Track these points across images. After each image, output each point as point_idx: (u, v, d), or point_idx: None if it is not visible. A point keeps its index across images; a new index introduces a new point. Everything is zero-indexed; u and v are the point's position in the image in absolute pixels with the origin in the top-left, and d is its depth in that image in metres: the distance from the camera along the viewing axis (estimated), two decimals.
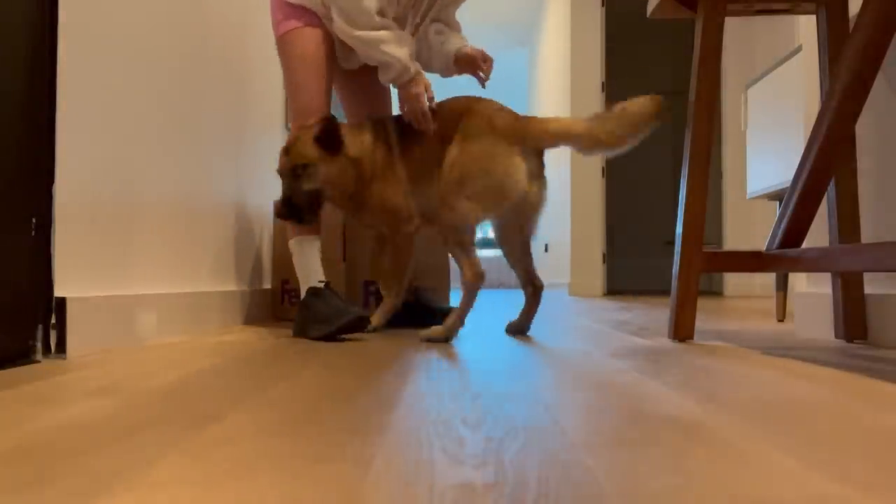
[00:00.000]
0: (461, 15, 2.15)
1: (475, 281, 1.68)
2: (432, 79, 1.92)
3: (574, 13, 5.86)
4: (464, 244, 1.69)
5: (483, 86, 2.08)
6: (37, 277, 1.26)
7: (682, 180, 1.70)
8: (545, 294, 6.24)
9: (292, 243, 1.91)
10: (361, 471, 0.56)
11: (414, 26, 1.94)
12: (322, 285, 1.85)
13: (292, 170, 1.78)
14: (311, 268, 1.87)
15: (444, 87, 2.70)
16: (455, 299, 2.16)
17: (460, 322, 1.68)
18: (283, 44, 1.92)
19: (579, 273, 5.80)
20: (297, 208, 1.78)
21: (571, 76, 5.85)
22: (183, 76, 1.86)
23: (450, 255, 1.77)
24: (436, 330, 1.67)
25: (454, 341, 1.67)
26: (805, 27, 1.99)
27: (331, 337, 1.70)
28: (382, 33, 1.80)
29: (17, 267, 1.21)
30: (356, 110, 2.12)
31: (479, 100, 1.82)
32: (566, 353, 1.42)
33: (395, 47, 1.81)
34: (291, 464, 0.58)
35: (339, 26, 1.82)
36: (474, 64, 2.02)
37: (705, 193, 1.68)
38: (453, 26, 2.07)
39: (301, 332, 1.79)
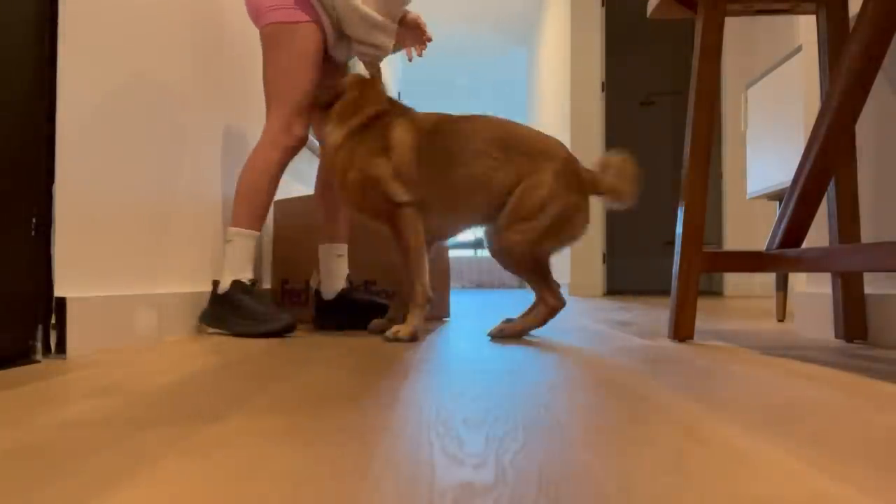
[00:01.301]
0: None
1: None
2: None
3: (574, 13, 5.86)
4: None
5: (420, 54, 2.17)
6: (37, 277, 1.26)
7: (682, 180, 1.70)
8: None
9: (232, 232, 1.86)
10: (361, 471, 0.56)
11: None
12: (250, 283, 1.86)
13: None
14: (244, 262, 1.86)
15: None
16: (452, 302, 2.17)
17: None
18: (282, 33, 1.85)
19: (579, 273, 5.80)
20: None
21: (571, 76, 5.85)
22: (184, 76, 1.86)
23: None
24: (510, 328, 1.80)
25: (447, 341, 1.67)
26: (805, 27, 2.00)
27: (266, 335, 1.74)
28: (391, 23, 1.92)
29: (17, 267, 1.21)
30: None
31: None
32: (566, 353, 1.42)
33: (391, 37, 1.95)
34: (291, 463, 0.58)
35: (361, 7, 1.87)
36: (419, 30, 2.12)
37: (705, 193, 1.68)
38: None
39: (218, 323, 1.81)
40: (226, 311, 1.80)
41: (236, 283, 1.83)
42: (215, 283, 1.88)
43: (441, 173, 1.76)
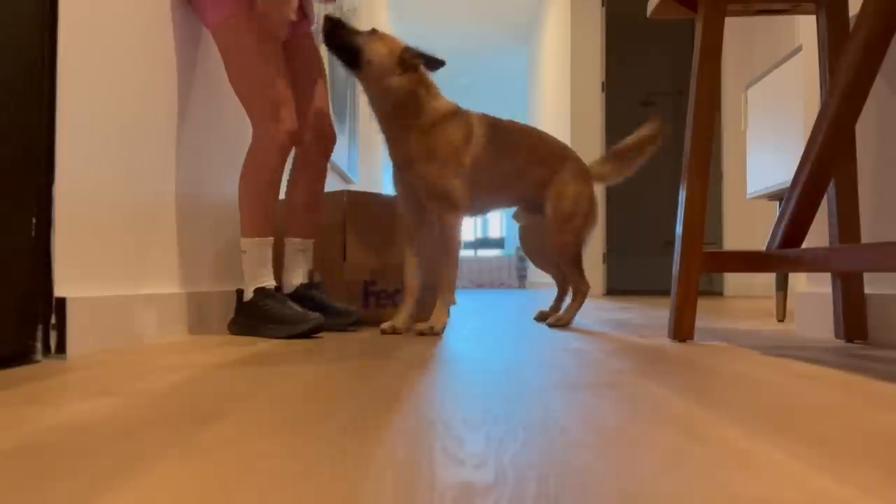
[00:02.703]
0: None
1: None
2: None
3: (574, 13, 5.86)
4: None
5: None
6: (37, 277, 1.26)
7: (682, 180, 1.70)
8: (546, 293, 6.23)
9: (244, 243, 1.84)
10: (361, 471, 0.56)
11: None
12: (272, 287, 1.85)
13: (367, 32, 1.91)
14: (262, 269, 1.85)
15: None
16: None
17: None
18: (228, 30, 1.78)
19: None
20: (337, 37, 1.87)
21: (571, 76, 5.85)
22: (184, 75, 1.86)
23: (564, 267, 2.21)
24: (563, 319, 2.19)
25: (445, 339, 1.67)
26: (805, 27, 1.99)
27: (298, 336, 1.74)
28: None
29: (17, 267, 1.21)
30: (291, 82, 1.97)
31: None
32: (566, 353, 1.42)
33: None
34: (291, 464, 0.58)
35: None
36: None
37: (705, 193, 1.68)
38: None
39: (248, 332, 1.81)
40: (254, 319, 1.80)
41: (259, 290, 1.83)
42: (239, 293, 1.87)
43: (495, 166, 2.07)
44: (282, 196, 2.33)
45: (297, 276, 2.06)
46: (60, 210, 1.31)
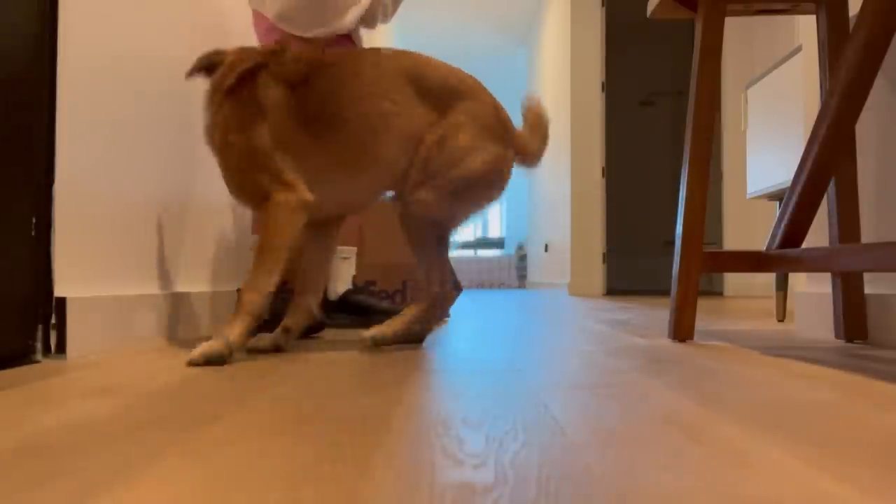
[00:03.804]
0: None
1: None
2: None
3: (574, 13, 5.86)
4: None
5: None
6: (37, 277, 1.26)
7: (682, 180, 1.70)
8: (546, 293, 6.23)
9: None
10: (361, 471, 0.56)
11: None
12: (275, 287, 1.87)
13: None
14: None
15: None
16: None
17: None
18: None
19: (579, 273, 5.80)
20: None
21: (571, 76, 5.85)
22: (184, 75, 1.86)
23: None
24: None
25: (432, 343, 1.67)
26: (805, 27, 2.00)
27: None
28: None
29: (17, 267, 1.21)
30: None
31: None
32: (566, 353, 1.42)
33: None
34: (291, 463, 0.58)
35: None
36: None
37: (705, 193, 1.68)
38: None
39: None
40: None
41: None
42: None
43: (326, 128, 1.37)
44: None
45: (341, 284, 2.12)
46: (60, 210, 1.31)
